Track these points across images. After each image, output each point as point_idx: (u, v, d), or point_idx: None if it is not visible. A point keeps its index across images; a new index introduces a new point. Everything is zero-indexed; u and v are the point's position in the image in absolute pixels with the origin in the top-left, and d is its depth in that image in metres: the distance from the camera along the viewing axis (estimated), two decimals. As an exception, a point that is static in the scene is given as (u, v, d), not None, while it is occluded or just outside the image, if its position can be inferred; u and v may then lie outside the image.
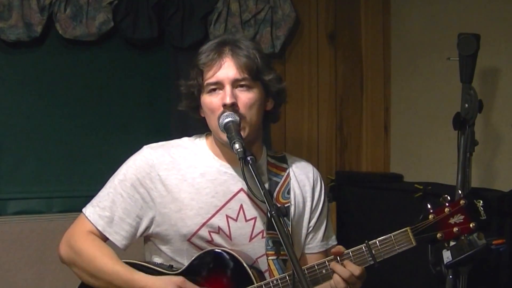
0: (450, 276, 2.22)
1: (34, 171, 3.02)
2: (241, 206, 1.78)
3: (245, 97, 1.71)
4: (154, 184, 1.76)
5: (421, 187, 2.76)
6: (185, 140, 1.87)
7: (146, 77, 3.21)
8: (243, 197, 1.78)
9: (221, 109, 1.70)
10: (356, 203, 3.22)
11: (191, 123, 3.02)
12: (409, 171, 3.34)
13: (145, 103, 3.21)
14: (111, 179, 1.81)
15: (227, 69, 1.70)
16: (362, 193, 3.22)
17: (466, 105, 2.36)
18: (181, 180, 1.77)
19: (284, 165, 1.88)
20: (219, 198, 1.77)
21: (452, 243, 2.02)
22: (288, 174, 1.87)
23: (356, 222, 3.13)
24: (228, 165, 1.80)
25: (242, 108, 1.70)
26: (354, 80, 3.57)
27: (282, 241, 1.50)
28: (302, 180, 1.89)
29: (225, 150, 1.78)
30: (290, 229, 1.80)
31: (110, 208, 1.77)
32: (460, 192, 1.69)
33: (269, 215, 1.54)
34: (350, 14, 3.55)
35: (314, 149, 3.49)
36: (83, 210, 1.81)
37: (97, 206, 1.78)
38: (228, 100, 1.68)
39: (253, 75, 1.72)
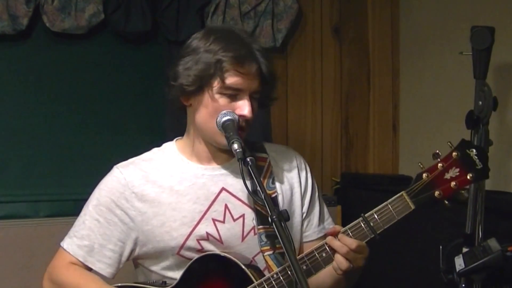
0: (463, 285, 2.21)
1: (20, 172, 3.02)
2: (226, 206, 1.79)
3: (255, 106, 1.75)
4: (131, 203, 1.76)
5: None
6: (154, 151, 1.88)
7: (139, 73, 3.21)
8: (226, 197, 1.79)
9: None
10: (362, 207, 3.19)
11: (187, 121, 3.05)
12: (419, 173, 3.33)
13: (138, 100, 3.21)
14: (84, 206, 1.82)
15: (253, 81, 1.71)
16: (369, 196, 3.21)
17: (480, 102, 2.36)
18: (158, 192, 1.77)
19: (263, 155, 1.88)
20: (201, 203, 1.77)
21: (464, 250, 2.02)
22: (270, 163, 1.87)
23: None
24: (204, 166, 1.81)
25: (251, 117, 1.74)
26: (360, 76, 3.57)
27: (283, 247, 1.50)
28: (286, 167, 1.89)
29: (207, 147, 1.79)
30: None
31: (88, 236, 1.77)
32: (450, 145, 1.69)
33: (270, 220, 1.54)
34: (356, 5, 3.55)
35: (317, 149, 3.48)
36: (61, 243, 1.82)
37: (74, 236, 1.79)
38: (249, 114, 1.70)
39: (267, 91, 1.76)
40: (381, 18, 3.57)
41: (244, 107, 1.70)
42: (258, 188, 1.59)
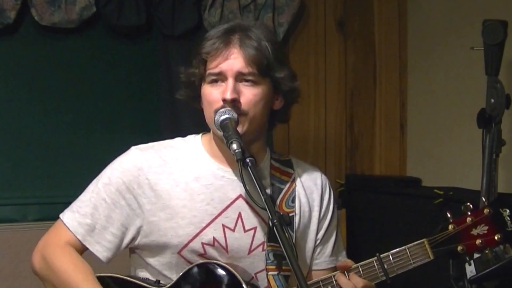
0: (474, 293, 2.22)
1: (7, 174, 3.02)
2: (240, 215, 1.78)
3: (250, 93, 1.71)
4: (142, 189, 1.76)
5: (441, 192, 2.76)
6: (178, 140, 1.87)
7: (133, 69, 3.21)
8: (241, 205, 1.78)
9: (220, 103, 1.70)
10: (368, 210, 3.22)
11: (183, 120, 3.05)
12: (427, 175, 3.34)
13: (132, 97, 3.21)
14: (93, 182, 1.81)
15: (232, 61, 1.70)
16: (375, 199, 3.21)
17: (492, 100, 2.36)
18: (172, 185, 1.77)
19: (290, 170, 1.88)
20: (214, 206, 1.77)
21: (476, 255, 2.02)
22: (294, 180, 1.87)
23: (368, 232, 3.12)
24: (226, 168, 1.80)
25: (245, 104, 1.71)
26: (366, 72, 3.57)
27: (285, 253, 1.50)
28: (309, 187, 1.89)
29: (224, 148, 1.77)
30: (294, 242, 1.80)
31: (91, 214, 1.76)
32: (484, 199, 1.69)
33: (270, 223, 1.54)
34: (361, -2, 3.56)
35: (321, 150, 3.49)
36: (61, 215, 1.80)
37: (77, 212, 1.78)
38: (228, 96, 1.68)
39: (261, 70, 1.71)
40: (388, 11, 3.57)
41: (225, 90, 1.69)
42: (258, 191, 1.59)
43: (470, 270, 1.98)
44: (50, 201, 3.00)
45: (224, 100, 1.69)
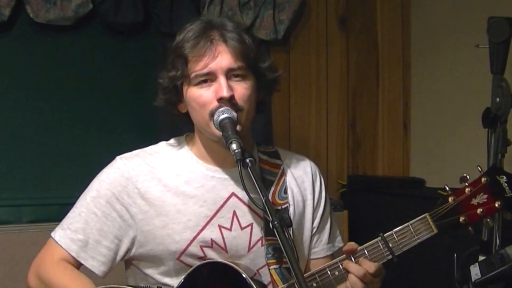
0: (479, 296, 2.22)
1: (1, 175, 3.01)
2: (235, 213, 1.79)
3: (242, 88, 1.72)
4: (133, 198, 1.76)
5: (445, 193, 2.76)
6: (162, 145, 1.88)
7: (130, 67, 3.21)
8: (235, 203, 1.79)
9: (215, 103, 1.70)
10: (370, 211, 3.22)
11: (182, 118, 3.04)
12: (431, 175, 3.33)
13: (129, 96, 3.21)
14: (81, 197, 1.82)
15: (220, 58, 1.70)
16: (378, 200, 3.22)
17: (497, 99, 2.36)
18: (163, 191, 1.77)
19: (278, 161, 1.89)
20: (208, 207, 1.78)
21: (481, 258, 2.02)
22: (283, 171, 1.88)
23: (370, 234, 3.10)
24: (215, 168, 1.81)
25: (239, 100, 1.71)
26: (368, 71, 3.57)
27: (286, 255, 1.50)
28: (300, 176, 1.90)
29: (214, 148, 1.79)
30: (291, 233, 1.80)
31: (83, 230, 1.77)
32: (480, 168, 1.72)
33: (271, 226, 1.54)
34: (364, -5, 3.56)
35: (322, 150, 3.49)
36: (52, 234, 1.81)
37: (68, 228, 1.78)
38: (225, 93, 1.68)
39: (249, 63, 1.73)
40: (391, 8, 3.57)
41: (220, 88, 1.69)
42: (258, 191, 1.59)
43: (475, 272, 1.98)
44: (45, 203, 3.01)
45: (221, 99, 1.69)
